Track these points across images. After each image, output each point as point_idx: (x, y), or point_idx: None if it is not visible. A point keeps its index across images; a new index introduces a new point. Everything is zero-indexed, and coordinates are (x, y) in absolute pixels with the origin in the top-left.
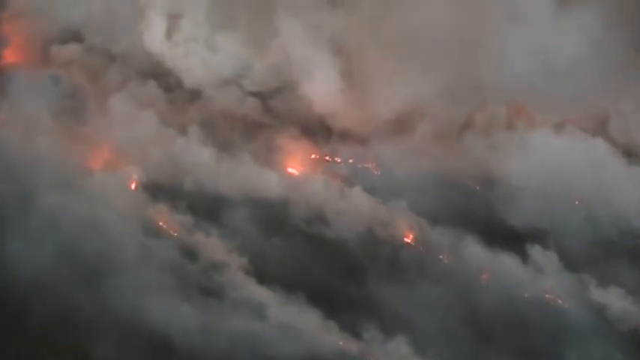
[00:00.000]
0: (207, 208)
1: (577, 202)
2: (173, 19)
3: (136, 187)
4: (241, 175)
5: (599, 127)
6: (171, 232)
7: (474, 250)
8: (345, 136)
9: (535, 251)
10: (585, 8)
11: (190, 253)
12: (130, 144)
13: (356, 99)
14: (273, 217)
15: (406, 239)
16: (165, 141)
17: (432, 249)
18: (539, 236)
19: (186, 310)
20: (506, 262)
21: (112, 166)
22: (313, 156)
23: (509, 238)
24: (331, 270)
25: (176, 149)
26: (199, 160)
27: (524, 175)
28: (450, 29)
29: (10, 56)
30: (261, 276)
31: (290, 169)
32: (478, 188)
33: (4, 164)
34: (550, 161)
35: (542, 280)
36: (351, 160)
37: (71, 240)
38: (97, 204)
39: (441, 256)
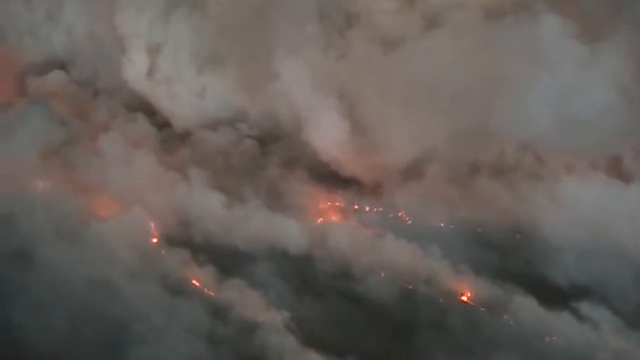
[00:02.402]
0: (228, 262)
1: (620, 254)
2: (154, 55)
3: (150, 239)
4: (258, 224)
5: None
6: (198, 289)
7: (532, 309)
8: (355, 183)
9: (587, 308)
10: (614, 55)
11: (221, 313)
12: (131, 189)
13: (363, 146)
14: (302, 271)
15: (463, 298)
16: (167, 186)
17: (494, 309)
18: (584, 292)
19: None
20: (564, 321)
21: (115, 215)
22: (338, 203)
23: (553, 294)
24: (380, 331)
25: (181, 195)
26: (208, 207)
27: (560, 228)
28: (465, 74)
29: None
30: (304, 339)
31: (316, 219)
32: (517, 238)
33: None
34: (585, 212)
35: (607, 340)
36: (380, 209)
37: (82, 304)
38: (104, 259)
39: (505, 317)
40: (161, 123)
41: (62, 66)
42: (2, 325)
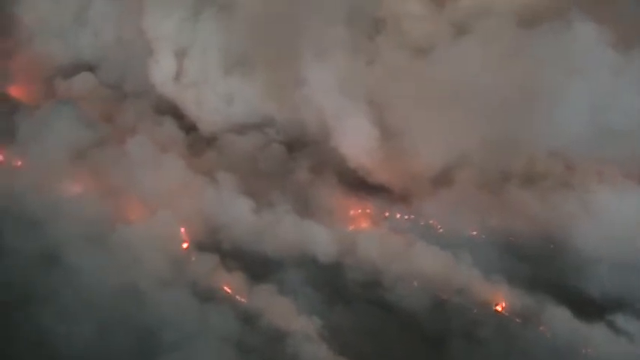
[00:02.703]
0: (257, 268)
1: None
2: (182, 59)
3: (180, 244)
4: (287, 230)
5: None
6: (228, 295)
7: (567, 321)
8: (384, 190)
9: (622, 321)
10: None
11: (252, 320)
12: (159, 193)
13: (392, 152)
14: (332, 279)
15: (497, 308)
16: (195, 190)
17: (529, 320)
18: (618, 305)
19: None
20: (599, 333)
21: (143, 219)
22: (368, 210)
23: (587, 306)
24: (412, 341)
25: (209, 200)
26: (237, 212)
27: (593, 238)
28: (497, 81)
29: (18, 90)
30: (336, 348)
31: (346, 226)
32: (550, 248)
33: (25, 219)
34: (619, 222)
35: None
36: (412, 216)
37: (112, 309)
38: (133, 264)
39: (541, 328)
40: (188, 126)
41: (90, 69)
42: (32, 329)
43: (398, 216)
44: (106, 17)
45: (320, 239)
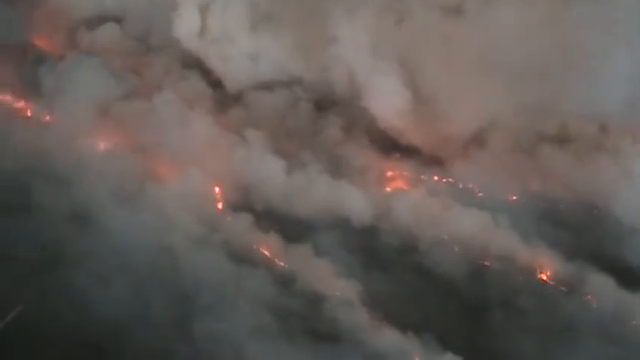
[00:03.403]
0: (290, 230)
1: None
2: (206, 13)
3: (212, 203)
4: (321, 191)
5: None
6: (264, 257)
7: (612, 290)
8: (417, 152)
9: None
10: None
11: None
12: (188, 150)
13: (424, 114)
14: (368, 242)
15: (543, 276)
16: (224, 148)
17: (576, 289)
18: None
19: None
20: None
21: (174, 177)
22: (405, 172)
23: (628, 275)
24: (451, 308)
25: (239, 159)
26: (268, 172)
27: (632, 206)
28: (531, 44)
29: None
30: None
31: (381, 187)
32: (590, 214)
33: (55, 176)
34: None
35: None
36: (450, 180)
37: (146, 269)
38: (165, 223)
39: (587, 298)
40: (214, 82)
41: (115, 21)
42: (64, 290)
43: (435, 178)
44: None
45: (354, 201)
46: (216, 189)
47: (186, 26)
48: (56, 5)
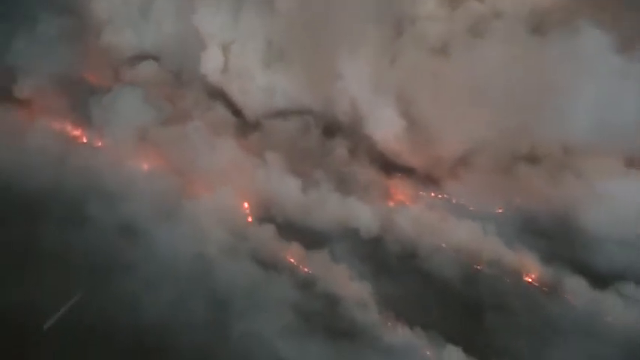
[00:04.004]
0: (308, 241)
1: None
2: (229, 52)
3: (243, 217)
4: (333, 206)
5: None
6: (289, 263)
7: (586, 290)
8: (414, 172)
9: (629, 289)
10: None
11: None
12: (217, 171)
13: (419, 140)
14: (375, 250)
15: (528, 278)
16: (248, 169)
17: (557, 290)
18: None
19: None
20: (613, 301)
21: (206, 194)
22: (407, 190)
23: (595, 277)
24: (450, 308)
25: (261, 178)
26: (287, 190)
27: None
28: (510, 80)
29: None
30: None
31: (385, 203)
32: (563, 225)
33: (104, 193)
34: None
35: None
36: (445, 196)
37: (186, 276)
38: (201, 236)
39: (566, 296)
40: (235, 110)
41: (153, 59)
42: (112, 293)
43: (432, 195)
44: (166, 13)
45: (362, 215)
46: (245, 204)
47: (211, 64)
48: (104, 45)
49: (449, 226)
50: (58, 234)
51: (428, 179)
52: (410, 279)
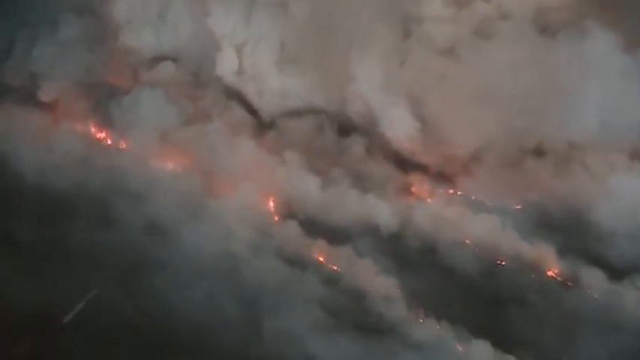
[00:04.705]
0: (331, 238)
1: None
2: (243, 53)
3: (268, 216)
4: (353, 204)
5: None
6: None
7: (604, 282)
8: (429, 169)
9: None
10: None
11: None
12: (239, 170)
13: (431, 138)
14: (397, 246)
15: (550, 272)
16: (268, 168)
17: (575, 282)
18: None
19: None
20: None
21: (230, 193)
22: (425, 186)
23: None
24: (473, 301)
25: (282, 177)
26: (307, 188)
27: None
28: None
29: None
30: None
31: (404, 199)
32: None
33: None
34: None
35: None
36: (461, 192)
37: (214, 274)
38: (228, 234)
39: (589, 291)
40: (250, 110)
41: (171, 60)
42: (140, 292)
43: (451, 192)
44: (183, 16)
45: (382, 212)
46: (268, 202)
47: (226, 65)
48: (123, 48)
49: (467, 221)
50: (89, 234)
51: (441, 176)
52: (432, 273)
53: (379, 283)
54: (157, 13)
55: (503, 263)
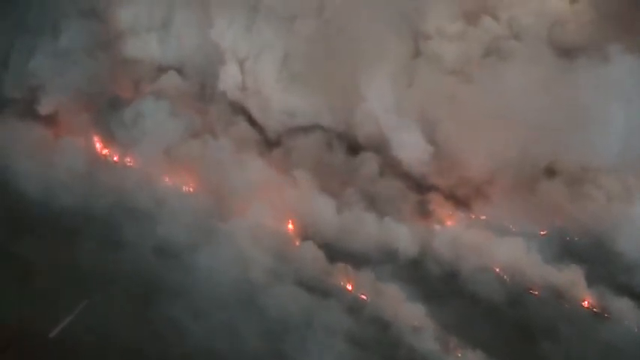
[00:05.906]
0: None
1: None
2: (247, 68)
3: (287, 238)
4: (371, 228)
5: None
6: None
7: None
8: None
9: None
10: None
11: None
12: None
13: (443, 161)
14: (417, 272)
15: (584, 303)
16: (278, 188)
17: (605, 310)
18: None
19: None
20: None
21: (242, 214)
22: (445, 210)
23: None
24: (501, 331)
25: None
26: (320, 210)
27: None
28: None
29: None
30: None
31: (423, 223)
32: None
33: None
34: None
35: None
36: (483, 217)
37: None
38: (242, 257)
39: (626, 323)
40: (255, 125)
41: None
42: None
43: (472, 216)
44: (187, 26)
45: (401, 236)
46: (285, 225)
47: (230, 80)
48: (125, 58)
49: (491, 246)
50: (97, 255)
51: (455, 198)
52: (457, 301)
53: (407, 312)
54: (161, 21)
55: (528, 290)
